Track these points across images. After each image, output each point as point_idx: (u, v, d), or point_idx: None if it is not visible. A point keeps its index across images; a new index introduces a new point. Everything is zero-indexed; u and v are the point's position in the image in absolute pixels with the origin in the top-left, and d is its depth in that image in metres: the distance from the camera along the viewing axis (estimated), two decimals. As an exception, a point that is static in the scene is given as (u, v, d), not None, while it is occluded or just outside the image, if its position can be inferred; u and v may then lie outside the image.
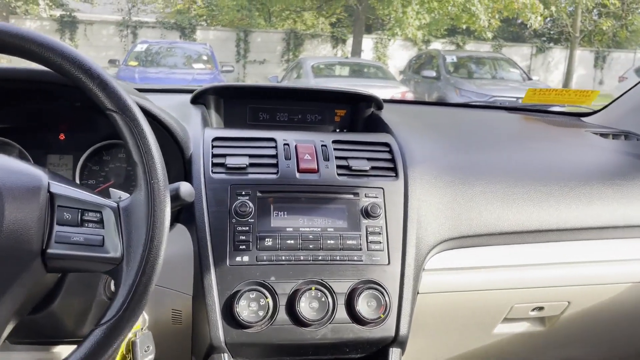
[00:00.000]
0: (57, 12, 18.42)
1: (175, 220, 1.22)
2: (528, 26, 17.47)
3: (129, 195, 0.91)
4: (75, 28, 17.79)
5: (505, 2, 15.34)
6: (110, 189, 1.01)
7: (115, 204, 0.86)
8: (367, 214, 1.21)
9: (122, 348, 1.09)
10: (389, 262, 1.19)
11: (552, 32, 23.07)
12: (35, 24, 17.71)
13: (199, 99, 1.52)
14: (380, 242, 1.20)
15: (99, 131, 1.35)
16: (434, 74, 11.29)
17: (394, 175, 1.27)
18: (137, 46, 11.68)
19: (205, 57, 11.28)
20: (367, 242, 1.19)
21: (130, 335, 1.10)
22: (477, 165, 1.38)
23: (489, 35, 16.84)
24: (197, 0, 20.64)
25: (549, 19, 20.42)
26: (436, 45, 19.04)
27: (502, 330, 1.42)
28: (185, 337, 1.21)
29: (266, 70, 17.96)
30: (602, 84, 20.64)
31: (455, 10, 15.45)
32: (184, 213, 1.21)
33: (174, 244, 1.19)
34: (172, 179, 1.28)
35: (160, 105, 1.46)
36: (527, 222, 1.31)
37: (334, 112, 1.65)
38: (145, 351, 1.10)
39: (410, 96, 10.01)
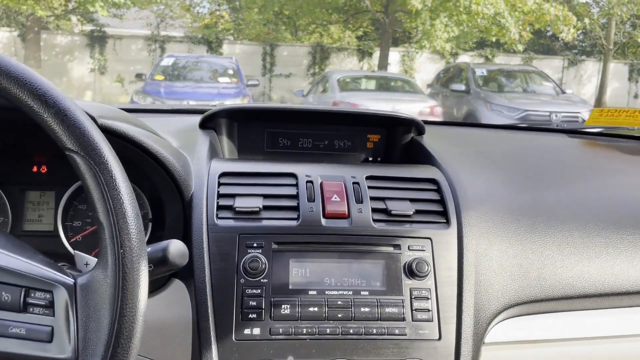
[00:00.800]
0: (88, 27, 18.69)
1: (172, 275, 0.98)
2: (560, 38, 17.01)
3: None
4: (104, 43, 17.99)
5: (537, 15, 14.92)
6: (76, 252, 0.77)
7: (71, 281, 0.62)
8: (411, 272, 0.95)
9: None
10: (439, 337, 0.93)
11: (584, 44, 22.52)
12: (67, 39, 17.97)
13: (209, 122, 1.28)
14: (429, 310, 0.94)
15: None
16: (463, 87, 10.98)
17: (444, 221, 1.01)
18: (163, 60, 11.67)
19: (231, 71, 11.21)
20: (411, 309, 0.93)
21: None
22: (546, 207, 1.11)
23: (520, 47, 16.42)
24: (224, 14, 20.73)
25: (581, 31, 19.92)
26: (464, 58, 18.68)
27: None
28: None
29: (292, 84, 17.85)
30: (638, 98, 19.97)
31: (485, 22, 15.10)
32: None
33: (168, 305, 0.96)
34: (168, 226, 1.06)
35: (165, 129, 1.24)
36: (613, 282, 1.03)
37: (366, 138, 1.40)
38: None
39: (439, 110, 9.70)
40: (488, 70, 12.20)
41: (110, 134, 0.89)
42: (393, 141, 1.38)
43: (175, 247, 0.73)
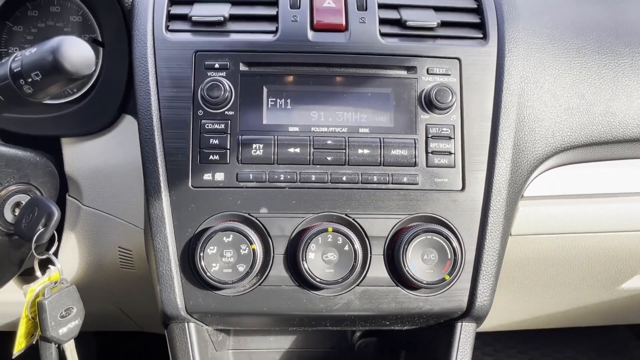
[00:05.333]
0: None
1: (120, 109, 0.77)
2: None
3: None
4: None
5: None
6: None
7: None
8: (429, 103, 0.71)
9: (25, 311, 0.69)
10: (463, 187, 0.71)
11: None
12: None
13: None
14: (450, 153, 0.71)
15: None
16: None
17: (481, 36, 0.75)
18: None
19: None
20: (426, 152, 0.71)
21: (37, 291, 0.70)
22: (623, 21, 0.81)
23: None
24: None
25: None
26: None
27: (636, 284, 0.92)
28: (142, 288, 0.81)
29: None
30: None
31: None
32: (132, 99, 0.75)
33: (117, 147, 0.77)
34: (108, 46, 0.81)
35: None
36: None
37: None
38: (64, 316, 0.70)
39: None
40: None
41: None
42: None
43: (70, 46, 0.50)
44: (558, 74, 0.74)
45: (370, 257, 0.70)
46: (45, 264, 0.74)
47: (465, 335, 0.74)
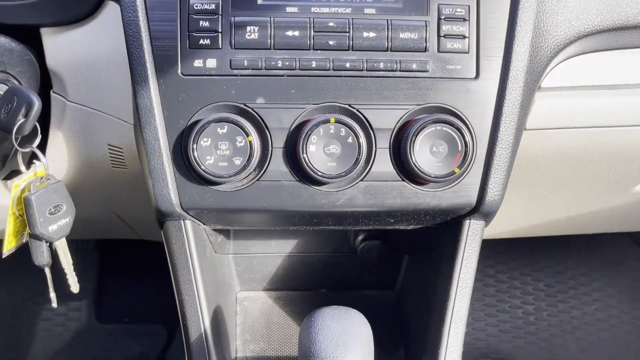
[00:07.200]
0: None
1: None
2: None
3: None
4: None
5: None
6: None
7: None
8: None
9: (11, 208, 0.66)
10: (477, 75, 0.66)
11: None
12: None
13: None
14: (465, 37, 0.65)
15: None
16: None
17: None
18: None
19: None
20: (438, 35, 0.65)
21: (23, 186, 0.66)
22: None
23: None
24: None
25: None
26: None
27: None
28: (136, 190, 0.77)
29: None
30: None
31: None
32: None
33: (101, 37, 0.71)
34: None
35: None
36: None
37: None
38: (53, 212, 0.67)
39: None
40: None
41: None
42: None
43: None
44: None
45: (375, 150, 0.65)
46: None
47: (473, 233, 0.71)
